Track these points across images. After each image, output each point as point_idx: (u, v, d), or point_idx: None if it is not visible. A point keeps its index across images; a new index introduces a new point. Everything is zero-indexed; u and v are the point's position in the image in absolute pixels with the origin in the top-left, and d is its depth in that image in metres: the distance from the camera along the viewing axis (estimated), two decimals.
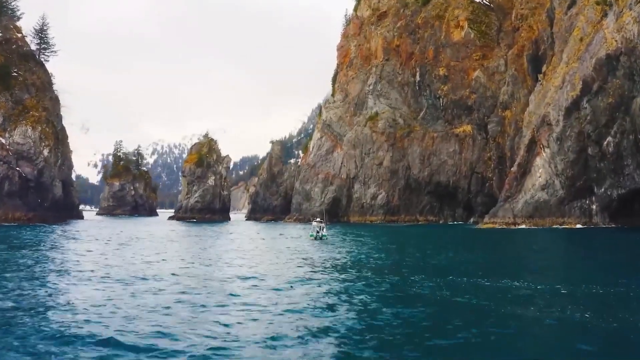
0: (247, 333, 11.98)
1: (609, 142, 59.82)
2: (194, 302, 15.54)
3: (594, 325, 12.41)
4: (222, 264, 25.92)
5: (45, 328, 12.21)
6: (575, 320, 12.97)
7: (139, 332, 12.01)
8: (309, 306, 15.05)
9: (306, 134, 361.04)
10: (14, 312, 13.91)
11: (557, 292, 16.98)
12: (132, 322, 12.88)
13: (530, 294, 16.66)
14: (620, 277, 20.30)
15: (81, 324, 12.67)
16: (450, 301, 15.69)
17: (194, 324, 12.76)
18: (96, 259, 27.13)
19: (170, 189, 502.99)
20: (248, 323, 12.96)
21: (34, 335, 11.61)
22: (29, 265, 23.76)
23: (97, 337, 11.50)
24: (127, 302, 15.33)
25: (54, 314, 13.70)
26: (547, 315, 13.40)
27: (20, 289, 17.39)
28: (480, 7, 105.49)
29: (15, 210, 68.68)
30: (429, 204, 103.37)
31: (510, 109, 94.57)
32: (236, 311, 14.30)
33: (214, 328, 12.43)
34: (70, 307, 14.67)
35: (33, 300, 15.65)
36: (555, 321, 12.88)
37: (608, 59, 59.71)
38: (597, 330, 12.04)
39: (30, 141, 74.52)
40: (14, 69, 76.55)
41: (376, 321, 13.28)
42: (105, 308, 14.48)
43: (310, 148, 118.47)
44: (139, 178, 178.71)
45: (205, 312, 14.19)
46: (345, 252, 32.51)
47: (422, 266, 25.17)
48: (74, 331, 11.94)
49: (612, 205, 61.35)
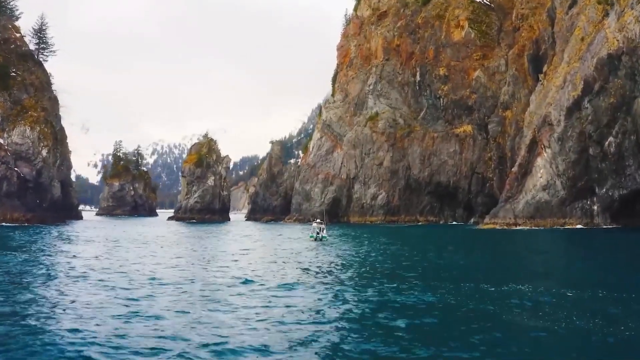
0: (239, 340, 11.61)
1: (610, 143, 59.44)
2: (186, 308, 15.17)
3: (604, 333, 12.04)
4: (217, 267, 25.54)
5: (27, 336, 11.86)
6: (582, 327, 12.60)
7: (128, 339, 11.64)
8: (305, 312, 14.67)
9: (306, 134, 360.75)
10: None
11: (564, 296, 16.53)
12: (120, 331, 12.51)
13: (535, 299, 16.12)
14: (625, 279, 19.94)
15: (68, 332, 12.30)
16: (451, 307, 15.28)
17: (185, 330, 12.40)
18: (85, 263, 26.72)
19: (170, 189, 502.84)
20: (242, 329, 12.59)
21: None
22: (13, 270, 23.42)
23: (84, 344, 11.15)
24: (115, 308, 14.96)
25: (40, 320, 13.34)
26: (554, 324, 13.02)
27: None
28: (480, 7, 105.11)
29: (13, 211, 68.33)
30: (429, 204, 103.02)
31: (510, 109, 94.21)
32: (230, 319, 13.92)
33: (206, 334, 12.07)
34: (57, 314, 14.29)
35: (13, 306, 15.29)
36: (563, 330, 12.51)
37: (609, 59, 59.34)
38: (607, 338, 11.67)
39: (28, 141, 74.19)
40: (13, 68, 76.23)
41: (372, 329, 12.91)
42: (94, 314, 14.10)
43: (310, 148, 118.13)
44: (138, 178, 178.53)
45: (199, 317, 13.82)
46: (346, 255, 32.14)
47: (423, 269, 24.79)
48: (60, 343, 11.53)
49: (614, 206, 60.98)
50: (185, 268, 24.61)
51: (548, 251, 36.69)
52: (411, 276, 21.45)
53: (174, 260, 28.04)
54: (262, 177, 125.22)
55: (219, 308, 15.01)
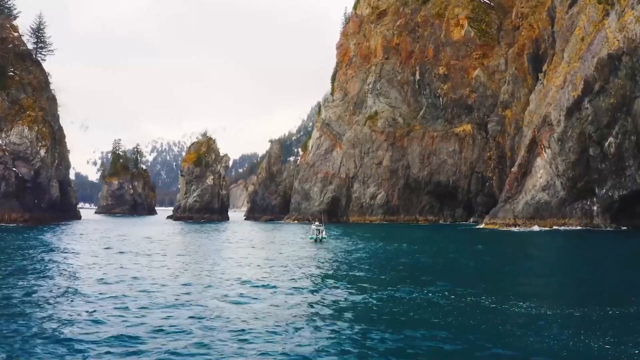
0: (233, 349, 11.46)
1: (610, 143, 59.27)
2: (184, 314, 14.99)
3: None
4: (215, 272, 25.33)
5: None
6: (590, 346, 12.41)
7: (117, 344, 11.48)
8: (302, 320, 14.49)
9: (305, 132, 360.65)
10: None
11: (571, 315, 15.68)
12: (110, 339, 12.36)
13: (536, 319, 15.02)
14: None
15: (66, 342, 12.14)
16: (446, 324, 15.04)
17: (182, 339, 12.22)
18: (83, 265, 26.53)
19: (169, 187, 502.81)
20: (241, 337, 12.42)
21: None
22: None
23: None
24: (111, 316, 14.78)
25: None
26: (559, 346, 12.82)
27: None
28: (480, 6, 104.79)
29: (12, 212, 68.10)
30: (429, 204, 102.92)
31: (510, 109, 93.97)
32: (225, 331, 13.73)
33: (201, 340, 11.90)
34: (54, 328, 14.11)
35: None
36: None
37: (610, 59, 59.11)
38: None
39: (26, 141, 73.87)
40: (10, 68, 75.88)
41: (363, 343, 12.72)
42: (89, 321, 13.94)
43: (310, 147, 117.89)
44: (137, 177, 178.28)
45: (196, 325, 13.65)
46: (344, 258, 31.93)
47: (417, 277, 24.56)
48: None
49: (614, 207, 60.86)
50: (180, 274, 24.28)
51: (550, 257, 36.50)
52: (405, 285, 21.22)
53: (168, 265, 27.74)
54: (262, 176, 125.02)
55: (214, 315, 14.79)
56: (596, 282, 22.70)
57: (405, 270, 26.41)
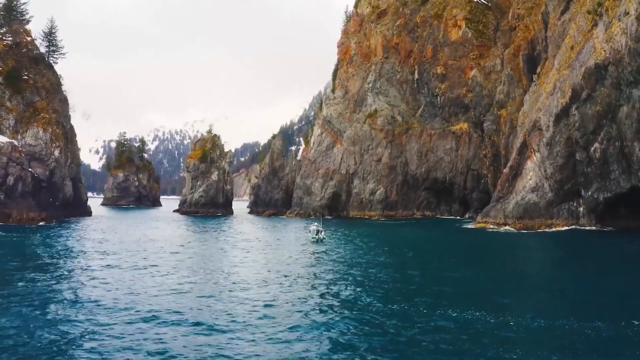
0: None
1: (596, 148, 62.59)
2: (184, 319, 18.34)
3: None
4: (218, 276, 28.56)
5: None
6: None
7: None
8: (302, 320, 17.88)
9: (307, 121, 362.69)
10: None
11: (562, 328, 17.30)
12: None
13: (522, 332, 16.69)
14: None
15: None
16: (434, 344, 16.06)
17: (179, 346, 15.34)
18: (94, 268, 30.01)
19: (171, 175, 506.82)
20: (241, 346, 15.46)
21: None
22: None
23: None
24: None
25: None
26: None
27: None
28: (478, 7, 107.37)
29: (29, 211, 71.79)
30: (426, 200, 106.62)
31: (505, 108, 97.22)
32: (225, 339, 16.06)
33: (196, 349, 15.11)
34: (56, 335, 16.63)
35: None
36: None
37: (597, 69, 62.10)
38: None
39: (41, 142, 77.34)
40: (25, 72, 79.10)
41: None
42: (85, 330, 16.77)
43: (311, 143, 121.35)
44: (142, 169, 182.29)
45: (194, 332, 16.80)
46: (341, 261, 35.49)
47: (405, 288, 25.92)
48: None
49: (599, 208, 64.36)
50: (184, 280, 27.57)
51: (539, 262, 40.03)
52: (395, 295, 24.69)
53: (172, 269, 31.14)
54: (264, 171, 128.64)
55: (210, 323, 18.24)
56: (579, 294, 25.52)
57: (393, 282, 29.95)
